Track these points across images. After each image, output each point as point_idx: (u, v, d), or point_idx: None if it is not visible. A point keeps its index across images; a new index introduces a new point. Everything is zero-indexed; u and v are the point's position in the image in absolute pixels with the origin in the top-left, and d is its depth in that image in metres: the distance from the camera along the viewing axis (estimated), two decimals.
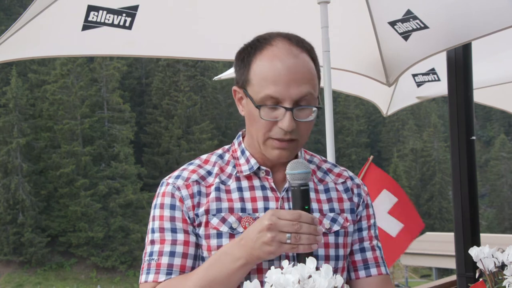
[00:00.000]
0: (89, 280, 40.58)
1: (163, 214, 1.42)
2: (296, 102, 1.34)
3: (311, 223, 1.26)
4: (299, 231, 1.24)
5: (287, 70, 1.34)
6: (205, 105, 51.40)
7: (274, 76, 1.34)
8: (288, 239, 1.23)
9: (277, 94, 1.33)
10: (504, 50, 3.87)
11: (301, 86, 1.34)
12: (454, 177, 3.38)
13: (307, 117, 1.38)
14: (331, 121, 2.92)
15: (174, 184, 1.44)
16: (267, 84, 1.34)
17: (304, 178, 1.31)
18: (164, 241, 1.40)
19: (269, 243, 1.24)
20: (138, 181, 45.89)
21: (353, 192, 1.54)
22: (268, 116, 1.35)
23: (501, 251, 1.53)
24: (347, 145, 54.67)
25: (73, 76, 45.14)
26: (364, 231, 1.54)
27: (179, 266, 1.38)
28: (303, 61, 1.37)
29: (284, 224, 1.24)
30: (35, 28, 2.56)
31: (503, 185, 54.99)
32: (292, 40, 1.40)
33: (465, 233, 3.32)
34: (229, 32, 3.04)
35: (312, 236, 1.25)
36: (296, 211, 1.27)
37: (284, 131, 1.35)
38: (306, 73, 1.36)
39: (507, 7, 2.56)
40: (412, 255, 30.07)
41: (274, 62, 1.35)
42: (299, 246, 1.24)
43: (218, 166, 1.48)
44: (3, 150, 41.28)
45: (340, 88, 4.31)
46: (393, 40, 3.07)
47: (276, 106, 1.34)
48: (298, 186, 1.31)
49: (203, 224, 1.40)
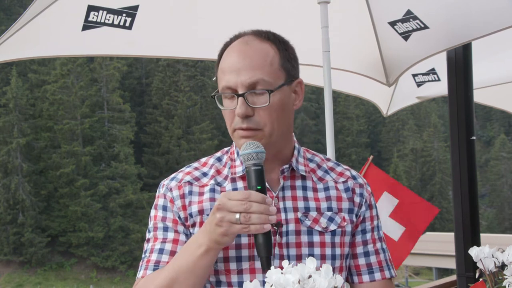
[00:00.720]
0: (89, 280, 40.57)
1: (157, 214, 1.46)
2: (249, 88, 1.36)
3: (261, 202, 1.25)
4: (248, 210, 1.23)
5: (237, 58, 1.37)
6: (205, 105, 51.39)
7: (227, 67, 1.38)
8: (238, 220, 1.23)
9: (229, 83, 1.37)
10: (504, 50, 3.87)
11: (250, 72, 1.35)
12: (454, 177, 3.38)
13: (263, 104, 1.37)
14: (331, 121, 2.92)
15: (168, 186, 1.47)
16: (223, 76, 1.39)
17: (256, 158, 1.31)
18: (156, 239, 1.44)
19: (219, 223, 1.25)
20: (138, 181, 45.88)
21: (354, 192, 1.52)
22: (227, 106, 1.39)
23: (501, 251, 1.53)
24: (347, 145, 54.66)
25: (73, 76, 45.13)
26: (368, 233, 1.52)
27: (166, 263, 1.40)
28: (255, 48, 1.39)
29: (233, 204, 1.24)
30: (35, 28, 2.56)
31: (503, 185, 54.98)
32: (256, 34, 1.43)
33: (465, 233, 3.32)
34: (229, 32, 3.02)
35: (264, 216, 1.24)
36: (246, 191, 1.28)
37: (240, 118, 1.37)
38: (256, 59, 1.37)
39: (507, 7, 2.56)
40: (412, 255, 30.06)
41: (229, 54, 1.40)
42: (250, 226, 1.24)
43: (215, 168, 1.49)
44: (3, 150, 41.27)
45: (340, 88, 4.31)
46: (393, 40, 3.07)
47: (230, 94, 1.37)
48: (251, 165, 1.31)
49: (198, 224, 1.42)
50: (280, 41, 1.44)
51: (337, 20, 3.04)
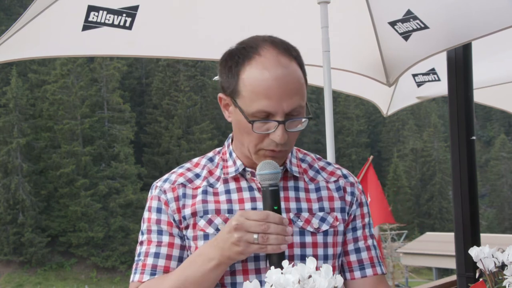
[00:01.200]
0: (89, 280, 40.59)
1: (151, 216, 1.45)
2: (288, 114, 1.34)
3: (279, 223, 1.26)
4: (266, 231, 1.25)
5: (278, 83, 1.31)
6: (205, 105, 51.42)
7: (266, 90, 1.31)
8: (256, 239, 1.25)
9: (269, 109, 1.32)
10: (504, 50, 3.87)
11: (292, 99, 1.33)
12: (454, 177, 3.38)
13: (297, 126, 1.37)
14: (331, 121, 2.92)
15: (161, 188, 1.46)
16: (258, 99, 1.32)
17: (273, 179, 1.32)
18: (151, 242, 1.43)
19: (237, 243, 1.25)
20: (138, 181, 45.90)
21: (345, 191, 1.53)
22: (260, 129, 1.35)
23: (501, 251, 1.53)
24: (347, 145, 54.68)
25: (73, 76, 45.16)
26: (358, 230, 1.53)
27: (163, 267, 1.40)
28: (293, 71, 1.35)
29: (251, 224, 1.25)
30: (35, 28, 2.56)
31: (503, 185, 55.00)
32: (279, 48, 1.37)
33: (465, 233, 3.32)
34: (229, 32, 3.04)
35: (281, 236, 1.26)
36: (264, 211, 1.28)
37: (275, 143, 1.35)
38: (296, 84, 1.35)
39: (507, 7, 2.56)
40: (412, 255, 30.08)
41: (264, 74, 1.32)
42: (267, 246, 1.25)
43: (207, 169, 1.49)
44: (3, 150, 41.29)
45: (340, 88, 4.31)
46: (393, 40, 3.07)
47: (268, 121, 1.34)
48: (268, 186, 1.31)
49: (191, 226, 1.41)
50: (299, 55, 1.41)
51: (337, 20, 3.04)
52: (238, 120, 1.38)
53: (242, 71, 1.35)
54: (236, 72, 1.36)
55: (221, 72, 1.42)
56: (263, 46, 1.36)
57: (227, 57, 1.41)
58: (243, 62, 1.36)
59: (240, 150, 1.46)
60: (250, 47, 1.37)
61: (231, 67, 1.38)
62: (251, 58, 1.35)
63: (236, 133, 1.42)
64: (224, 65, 1.40)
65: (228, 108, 1.43)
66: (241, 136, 1.40)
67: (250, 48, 1.37)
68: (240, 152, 1.46)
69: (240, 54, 1.37)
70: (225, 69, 1.40)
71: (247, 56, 1.36)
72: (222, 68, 1.42)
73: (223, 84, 1.41)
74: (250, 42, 1.39)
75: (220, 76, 1.43)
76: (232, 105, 1.39)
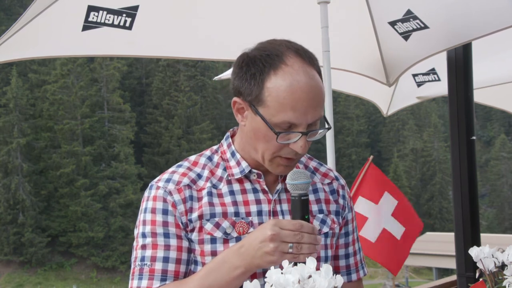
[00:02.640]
0: (90, 280, 40.58)
1: (156, 219, 1.40)
2: (310, 125, 1.34)
3: (312, 232, 1.27)
4: (300, 241, 1.25)
5: (306, 96, 1.31)
6: (205, 105, 51.39)
7: (293, 102, 1.30)
8: (290, 249, 1.24)
9: (295, 120, 1.31)
10: (504, 50, 3.87)
11: (316, 111, 1.33)
12: (454, 177, 3.38)
13: (316, 136, 1.38)
14: (331, 121, 2.92)
15: (166, 188, 1.41)
16: (285, 110, 1.31)
17: (305, 188, 1.31)
18: (157, 246, 1.38)
19: (272, 253, 1.24)
20: (138, 181, 45.87)
21: (338, 194, 1.55)
22: (283, 139, 1.34)
23: (501, 251, 1.53)
24: (347, 145, 54.64)
25: (73, 76, 45.13)
26: (350, 235, 1.57)
27: (173, 272, 1.37)
28: (318, 83, 1.34)
29: (287, 234, 1.25)
30: (35, 28, 2.56)
31: (503, 185, 54.96)
32: (304, 58, 1.36)
33: (465, 233, 3.32)
34: (230, 32, 3.04)
35: (312, 246, 1.26)
36: (298, 221, 1.27)
37: (295, 152, 1.36)
38: (321, 95, 1.35)
39: (507, 7, 2.56)
40: (412, 255, 30.05)
41: (293, 87, 1.30)
42: (300, 256, 1.25)
43: (208, 169, 1.46)
44: (3, 150, 41.27)
45: (340, 88, 4.31)
46: (393, 40, 3.07)
47: (291, 132, 1.33)
48: (299, 196, 1.31)
49: (197, 229, 1.39)
50: (318, 63, 1.41)
51: (337, 20, 3.04)
52: (256, 127, 1.36)
53: (267, 80, 1.32)
54: (261, 80, 1.33)
55: (239, 76, 1.38)
56: (288, 55, 1.35)
57: (249, 62, 1.37)
58: (269, 71, 1.33)
59: (248, 153, 1.44)
60: (275, 55, 1.34)
61: (254, 74, 1.34)
62: (277, 67, 1.33)
63: (251, 138, 1.40)
64: (245, 71, 1.37)
65: (243, 113, 1.40)
66: (257, 142, 1.38)
67: (275, 56, 1.34)
68: (248, 154, 1.45)
69: (265, 62, 1.34)
70: (246, 75, 1.36)
71: (273, 65, 1.33)
72: (241, 73, 1.38)
73: (241, 89, 1.37)
74: (273, 50, 1.36)
75: (236, 80, 1.39)
76: (250, 111, 1.37)
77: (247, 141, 1.43)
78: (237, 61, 1.41)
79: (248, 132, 1.40)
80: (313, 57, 1.39)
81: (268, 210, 1.43)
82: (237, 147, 1.48)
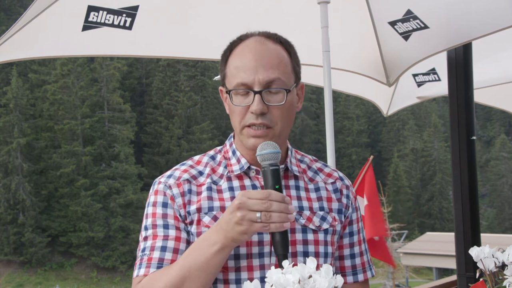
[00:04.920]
0: (90, 280, 40.60)
1: (156, 211, 1.44)
2: (266, 86, 1.38)
3: (281, 201, 1.26)
4: (269, 209, 1.24)
5: (254, 57, 1.39)
6: (205, 105, 51.44)
7: (243, 64, 1.39)
8: (259, 218, 1.24)
9: (245, 80, 1.38)
10: (504, 50, 3.87)
11: (268, 71, 1.38)
12: (454, 177, 3.39)
13: (277, 101, 1.39)
14: (331, 121, 2.92)
15: (166, 183, 1.46)
16: (238, 73, 1.40)
17: (274, 158, 1.33)
18: (156, 236, 1.42)
19: (240, 222, 1.25)
20: (138, 181, 45.90)
21: (342, 193, 1.56)
22: (240, 102, 1.40)
23: (502, 251, 1.53)
24: (347, 145, 54.67)
25: (74, 76, 45.16)
26: (355, 235, 1.57)
27: (170, 261, 1.39)
28: (271, 48, 1.42)
29: (254, 203, 1.25)
30: (35, 28, 2.56)
31: (504, 185, 54.97)
32: (264, 34, 1.45)
33: (466, 233, 3.32)
34: (230, 32, 3.02)
35: (284, 214, 1.26)
36: (266, 190, 1.28)
37: (255, 115, 1.38)
38: (273, 58, 1.40)
39: (507, 7, 2.56)
40: (412, 255, 30.07)
41: (244, 52, 1.42)
42: (271, 225, 1.25)
43: (210, 167, 1.50)
44: (3, 150, 41.30)
45: (340, 88, 4.31)
46: (393, 40, 3.07)
47: (247, 90, 1.38)
48: (268, 166, 1.32)
49: (195, 222, 1.42)
50: (290, 45, 1.47)
51: (337, 20, 3.04)
52: (228, 105, 1.45)
53: (230, 57, 1.45)
54: (225, 59, 1.47)
55: (220, 69, 1.50)
56: (250, 37, 1.46)
57: (222, 53, 1.49)
58: (231, 50, 1.46)
59: (241, 146, 1.47)
60: (238, 39, 1.47)
61: (223, 57, 1.48)
62: (237, 45, 1.46)
63: (231, 120, 1.46)
64: (220, 61, 1.49)
65: (226, 99, 1.47)
66: (232, 120, 1.45)
67: (238, 40, 1.47)
68: (243, 148, 1.47)
69: (230, 46, 1.48)
70: (220, 64, 1.49)
71: (234, 45, 1.46)
72: (220, 62, 1.50)
73: (221, 77, 1.49)
74: (240, 36, 1.48)
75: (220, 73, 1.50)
76: (224, 92, 1.46)
77: (233, 127, 1.47)
78: None
79: (230, 116, 1.47)
80: (278, 36, 1.47)
81: None
82: (236, 144, 1.51)
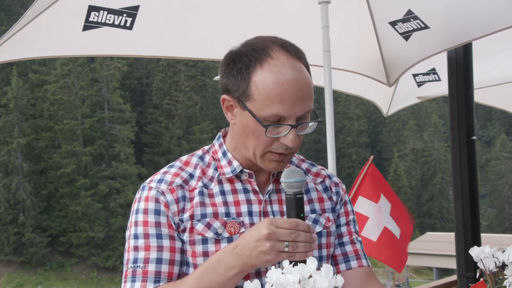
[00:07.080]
0: (90, 280, 40.59)
1: (148, 219, 1.37)
2: (299, 118, 1.33)
3: (307, 231, 1.26)
4: (296, 240, 1.24)
5: (292, 88, 1.30)
6: (205, 105, 51.42)
7: (280, 94, 1.29)
8: (286, 248, 1.23)
9: (283, 113, 1.30)
10: (505, 50, 3.87)
11: (305, 103, 1.32)
12: (454, 177, 3.39)
13: (306, 130, 1.37)
14: (331, 121, 2.92)
15: (158, 189, 1.39)
16: (272, 103, 1.30)
17: (300, 187, 1.30)
18: (150, 247, 1.36)
19: (268, 252, 1.23)
20: (138, 181, 45.85)
21: (331, 191, 1.55)
22: (272, 133, 1.33)
23: (502, 251, 1.53)
24: (347, 145, 54.65)
25: (74, 76, 45.13)
26: (342, 227, 1.55)
27: (167, 274, 1.36)
28: (305, 75, 1.34)
29: (283, 233, 1.24)
30: (36, 28, 2.56)
31: (504, 185, 54.94)
32: (290, 51, 1.35)
33: (466, 233, 3.32)
34: (230, 32, 3.04)
35: (308, 244, 1.25)
36: (294, 219, 1.26)
37: (286, 146, 1.34)
38: (308, 88, 1.34)
39: (507, 7, 2.56)
40: (412, 255, 30.07)
41: (279, 79, 1.30)
42: (296, 254, 1.24)
43: (200, 168, 1.45)
44: (3, 150, 41.29)
45: (341, 88, 4.31)
46: (393, 40, 3.07)
47: (280, 125, 1.32)
48: (294, 194, 1.29)
49: (188, 229, 1.37)
50: (306, 58, 1.40)
51: (338, 20, 3.04)
52: (245, 123, 1.35)
53: (253, 73, 1.32)
54: (247, 74, 1.33)
55: (226, 74, 1.38)
56: (274, 48, 1.34)
57: (235, 58, 1.36)
58: (255, 65, 1.32)
59: (240, 152, 1.43)
60: (260, 49, 1.34)
61: (240, 69, 1.34)
62: (263, 60, 1.32)
63: (241, 135, 1.39)
64: (232, 67, 1.36)
65: (232, 110, 1.39)
66: (247, 139, 1.37)
67: (261, 50, 1.34)
68: (240, 153, 1.44)
69: (250, 56, 1.34)
70: (233, 71, 1.36)
71: (258, 59, 1.33)
72: (228, 70, 1.37)
73: (228, 86, 1.37)
74: (259, 44, 1.36)
75: (224, 77, 1.39)
76: (239, 107, 1.36)
77: (238, 140, 1.42)
78: (224, 59, 1.40)
79: (238, 130, 1.39)
80: (299, 51, 1.39)
81: (258, 210, 1.42)
82: (229, 146, 1.47)
